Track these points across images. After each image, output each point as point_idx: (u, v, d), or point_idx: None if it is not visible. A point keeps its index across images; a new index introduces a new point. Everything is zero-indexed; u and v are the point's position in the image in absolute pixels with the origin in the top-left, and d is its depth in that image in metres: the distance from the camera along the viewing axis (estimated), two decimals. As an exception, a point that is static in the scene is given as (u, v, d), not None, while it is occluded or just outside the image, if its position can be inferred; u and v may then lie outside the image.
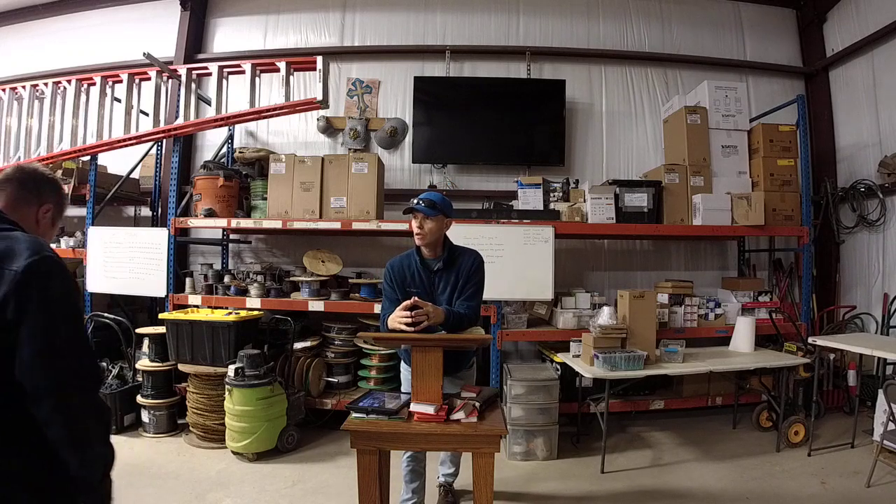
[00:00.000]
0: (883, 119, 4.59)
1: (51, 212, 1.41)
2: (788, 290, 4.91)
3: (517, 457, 3.42)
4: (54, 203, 1.42)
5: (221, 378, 3.46)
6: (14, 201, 1.33)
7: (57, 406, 1.12)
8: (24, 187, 1.35)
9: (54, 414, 1.13)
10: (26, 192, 1.36)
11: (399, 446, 2.20)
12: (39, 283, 1.13)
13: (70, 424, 1.15)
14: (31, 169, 1.41)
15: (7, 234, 1.20)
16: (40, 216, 1.38)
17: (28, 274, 1.11)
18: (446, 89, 4.90)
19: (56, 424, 1.13)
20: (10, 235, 1.20)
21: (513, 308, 3.96)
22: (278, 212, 4.05)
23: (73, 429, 1.15)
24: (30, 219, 1.35)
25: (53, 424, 1.13)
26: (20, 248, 1.15)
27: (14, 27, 5.55)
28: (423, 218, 2.32)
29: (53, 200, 1.41)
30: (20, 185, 1.35)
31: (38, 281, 1.13)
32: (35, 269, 1.13)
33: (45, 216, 1.39)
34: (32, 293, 1.11)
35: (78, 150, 4.11)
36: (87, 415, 1.19)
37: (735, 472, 3.24)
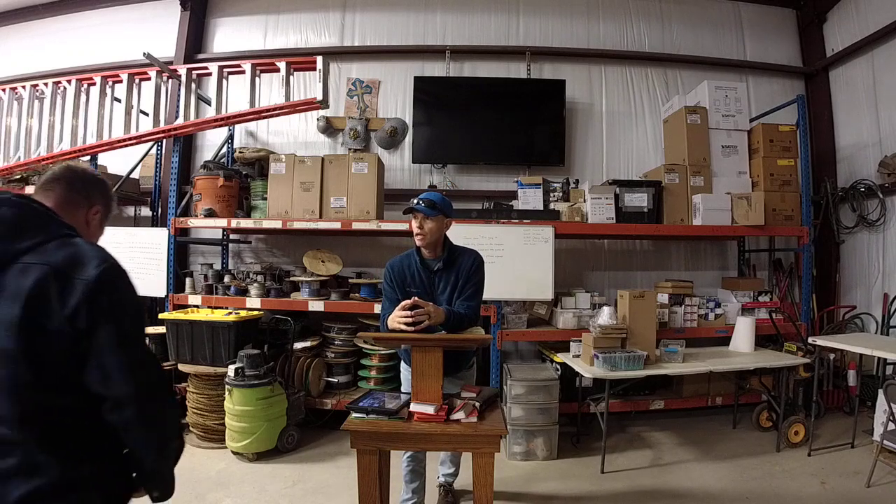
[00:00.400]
0: (883, 119, 4.59)
1: (100, 214, 1.36)
2: (788, 290, 4.91)
3: (517, 457, 3.42)
4: (103, 205, 1.37)
5: (221, 378, 3.46)
6: (63, 202, 1.28)
7: (141, 412, 1.15)
8: (73, 188, 1.31)
9: (139, 419, 1.15)
10: (75, 193, 1.31)
11: (399, 446, 2.20)
12: (111, 292, 1.12)
13: (153, 427, 1.19)
14: (80, 169, 1.37)
15: (70, 240, 1.17)
16: (90, 218, 1.34)
17: (99, 283, 1.10)
18: (446, 89, 4.90)
19: (140, 428, 1.16)
20: (73, 242, 1.16)
21: (513, 308, 3.96)
22: (278, 212, 4.05)
23: (156, 431, 1.20)
24: (79, 221, 1.30)
25: (136, 429, 1.16)
26: (87, 255, 1.13)
27: (14, 27, 5.55)
28: (423, 218, 2.32)
29: (102, 202, 1.37)
30: (69, 186, 1.30)
31: (109, 290, 1.11)
32: (105, 277, 1.11)
33: (95, 218, 1.35)
34: (104, 302, 1.10)
35: (78, 150, 4.10)
36: (166, 416, 1.24)
37: (735, 472, 3.24)
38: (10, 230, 1.11)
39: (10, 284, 1.07)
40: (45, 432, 1.08)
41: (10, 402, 1.05)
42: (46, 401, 1.08)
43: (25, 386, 1.06)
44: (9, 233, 1.11)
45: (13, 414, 1.05)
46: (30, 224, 1.14)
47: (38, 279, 1.06)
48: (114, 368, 1.11)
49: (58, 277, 1.07)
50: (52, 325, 1.06)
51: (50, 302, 1.06)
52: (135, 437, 1.17)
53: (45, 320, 1.06)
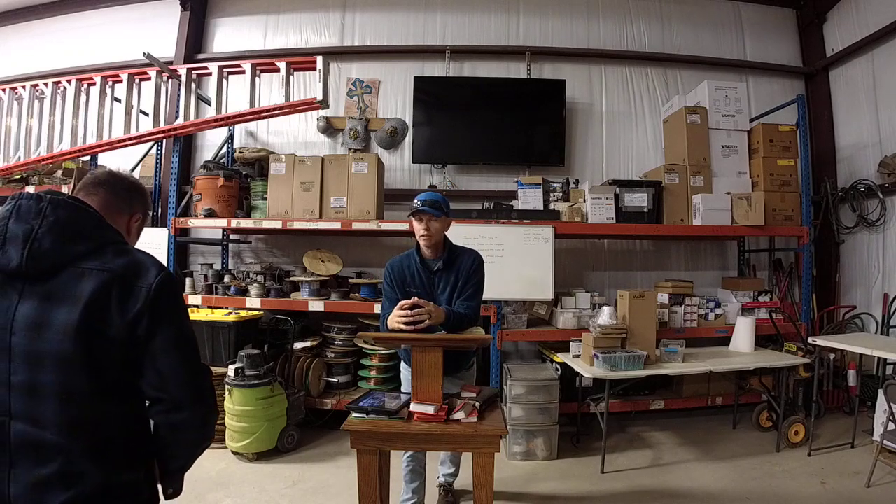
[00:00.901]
0: (883, 119, 4.59)
1: (139, 221, 1.37)
2: (788, 290, 4.91)
3: (517, 457, 3.42)
4: (143, 213, 1.38)
5: (221, 378, 3.45)
6: (106, 208, 1.27)
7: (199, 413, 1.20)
8: (117, 194, 1.31)
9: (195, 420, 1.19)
10: (119, 199, 1.31)
11: (399, 446, 2.20)
12: (169, 300, 1.15)
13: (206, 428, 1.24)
14: (123, 175, 1.38)
15: (125, 247, 1.19)
16: (131, 225, 1.34)
17: (159, 290, 1.12)
18: (446, 89, 4.90)
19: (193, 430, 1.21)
20: (128, 249, 1.18)
21: (513, 308, 3.95)
22: (278, 212, 4.05)
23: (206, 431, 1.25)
24: (122, 228, 1.30)
25: (190, 430, 1.20)
26: (145, 263, 1.15)
27: (14, 27, 5.55)
28: (430, 219, 2.33)
29: (142, 210, 1.38)
30: (113, 192, 1.30)
31: (167, 297, 1.14)
32: (165, 285, 1.14)
33: (135, 225, 1.36)
34: (164, 308, 1.13)
35: (78, 150, 4.10)
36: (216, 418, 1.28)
37: (735, 472, 3.24)
38: (66, 233, 1.10)
39: (67, 288, 1.07)
40: (93, 440, 1.07)
41: (59, 408, 1.04)
42: (98, 408, 1.08)
43: (78, 392, 1.05)
44: (65, 236, 1.10)
45: (61, 420, 1.04)
46: (85, 228, 1.13)
47: (99, 285, 1.07)
48: (174, 370, 1.13)
49: (119, 284, 1.09)
50: (111, 332, 1.07)
51: (110, 308, 1.07)
52: (185, 437, 1.21)
53: (103, 326, 1.06)
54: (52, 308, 1.05)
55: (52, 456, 1.03)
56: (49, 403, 1.03)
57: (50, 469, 1.03)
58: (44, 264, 1.07)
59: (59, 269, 1.08)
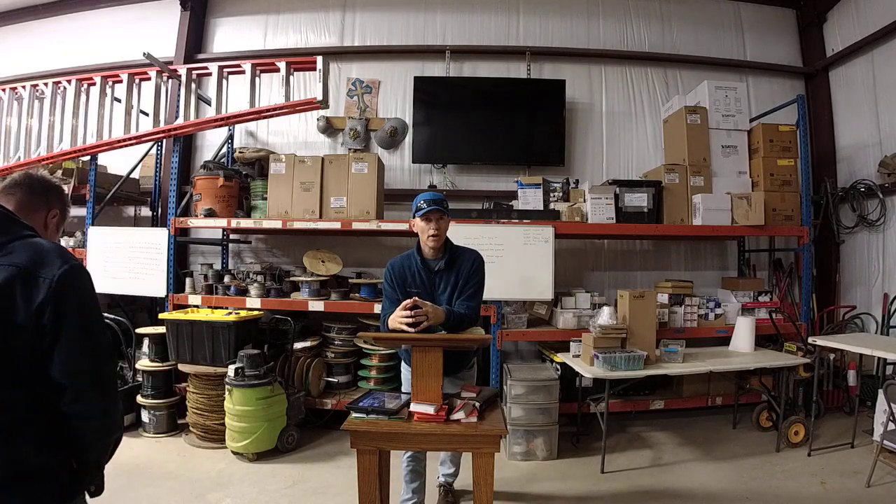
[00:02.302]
0: (883, 119, 4.59)
1: (57, 217, 1.46)
2: (788, 290, 4.91)
3: (517, 457, 3.42)
4: (60, 209, 1.47)
5: (221, 378, 3.46)
6: (24, 206, 1.36)
7: (99, 402, 1.25)
8: (34, 193, 1.40)
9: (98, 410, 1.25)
10: (35, 197, 1.40)
11: (399, 446, 2.20)
12: (74, 290, 1.19)
13: (108, 418, 1.29)
14: (39, 175, 1.46)
15: (31, 240, 1.23)
16: (48, 221, 1.43)
17: (63, 281, 1.16)
18: (446, 89, 4.90)
19: (97, 419, 1.25)
20: (35, 242, 1.23)
21: (513, 308, 3.95)
22: (278, 212, 4.05)
23: (109, 422, 1.30)
24: (39, 224, 1.39)
25: (94, 419, 1.25)
26: (50, 255, 1.19)
27: (14, 27, 5.55)
28: (439, 218, 2.35)
29: (59, 206, 1.47)
30: (30, 191, 1.39)
31: (72, 288, 1.18)
32: (69, 276, 1.18)
33: (53, 221, 1.44)
34: (69, 299, 1.17)
35: (78, 150, 4.10)
36: (118, 408, 1.35)
37: (735, 472, 3.24)
38: None
39: None
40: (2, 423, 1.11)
41: None
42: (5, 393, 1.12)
43: None
44: None
45: None
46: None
47: (4, 279, 1.12)
48: (77, 361, 1.18)
49: (23, 276, 1.14)
50: (18, 321, 1.12)
51: (15, 299, 1.12)
52: (91, 427, 1.24)
53: (9, 316, 1.11)
54: None
55: None
56: None
57: None
58: None
59: None
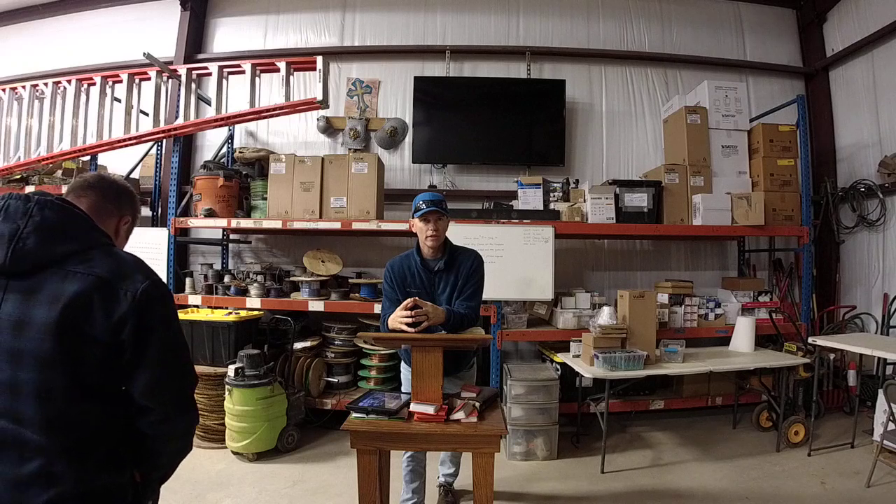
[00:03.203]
0: (883, 119, 4.59)
1: (128, 224, 1.39)
2: (788, 290, 4.91)
3: (517, 457, 3.42)
4: (132, 216, 1.40)
5: (221, 378, 3.46)
6: (96, 210, 1.29)
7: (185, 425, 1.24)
8: (106, 197, 1.33)
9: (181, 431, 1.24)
10: (108, 202, 1.33)
11: (399, 446, 2.20)
12: (158, 307, 1.14)
13: (186, 439, 1.28)
14: (112, 179, 1.40)
15: (112, 249, 1.18)
16: (120, 227, 1.36)
17: (147, 296, 1.11)
18: (446, 89, 4.90)
19: (177, 440, 1.25)
20: (116, 252, 1.17)
21: (513, 308, 3.95)
22: (278, 212, 4.05)
23: (186, 442, 1.28)
24: (111, 230, 1.32)
25: (175, 440, 1.24)
26: (132, 268, 1.14)
27: (14, 27, 5.55)
28: (438, 219, 2.35)
29: (131, 213, 1.40)
30: (102, 195, 1.33)
31: (156, 304, 1.13)
32: (152, 292, 1.13)
33: (124, 227, 1.37)
34: (152, 316, 1.12)
35: (78, 150, 4.10)
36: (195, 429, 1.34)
37: (735, 472, 3.24)
38: (52, 234, 1.10)
39: (48, 287, 1.07)
40: (71, 440, 1.07)
41: (38, 406, 1.04)
42: (76, 408, 1.07)
43: (56, 390, 1.05)
44: (52, 236, 1.10)
45: (40, 418, 1.04)
46: (72, 229, 1.14)
47: (82, 287, 1.07)
48: (162, 381, 1.14)
49: (103, 287, 1.08)
50: (94, 333, 1.07)
51: (93, 310, 1.07)
52: (169, 448, 1.23)
53: (86, 327, 1.06)
54: (34, 306, 1.05)
55: (32, 455, 1.03)
56: (29, 401, 1.04)
57: (30, 468, 1.03)
58: (26, 263, 1.07)
59: (42, 268, 1.08)
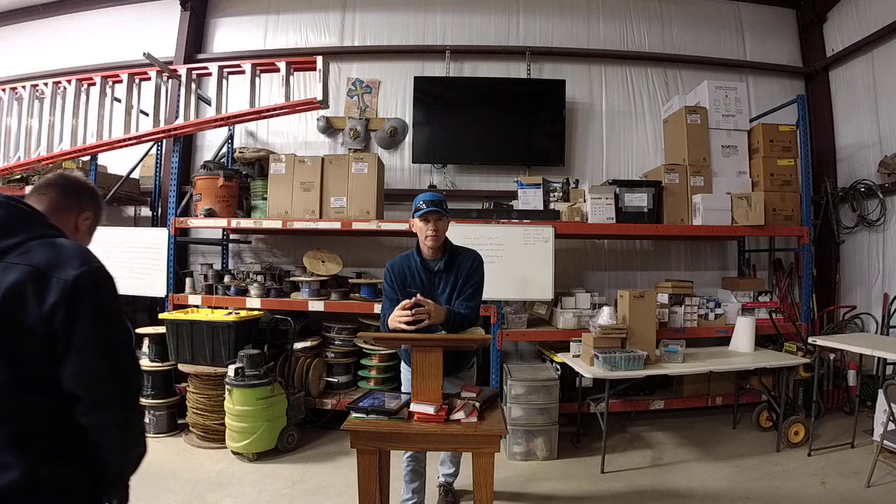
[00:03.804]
0: (883, 119, 4.59)
1: (90, 220, 1.42)
2: (788, 290, 4.91)
3: (517, 457, 3.42)
4: (93, 212, 1.43)
5: (221, 378, 3.46)
6: (56, 206, 1.34)
7: (117, 417, 1.19)
8: (67, 193, 1.37)
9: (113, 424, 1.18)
10: (68, 198, 1.37)
11: (399, 446, 2.20)
12: (90, 294, 1.12)
13: (125, 432, 1.23)
14: (74, 177, 1.45)
15: (53, 240, 1.19)
16: (79, 223, 1.40)
17: (78, 283, 1.11)
18: (446, 89, 4.90)
19: (112, 433, 1.19)
20: (56, 242, 1.18)
21: (513, 308, 3.95)
22: (278, 212, 4.05)
23: (127, 435, 1.24)
24: (69, 225, 1.36)
25: (110, 432, 1.19)
26: (68, 256, 1.14)
27: (14, 27, 5.55)
28: (438, 219, 2.35)
29: (93, 209, 1.43)
30: (63, 192, 1.37)
31: (89, 292, 1.12)
32: (87, 279, 1.12)
33: (84, 223, 1.41)
34: (85, 304, 1.11)
35: (78, 150, 4.10)
36: (137, 423, 1.30)
37: (735, 472, 3.24)
38: None
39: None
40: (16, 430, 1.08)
41: None
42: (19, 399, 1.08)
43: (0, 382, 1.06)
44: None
45: None
46: (16, 225, 1.16)
47: (18, 278, 1.08)
48: (92, 370, 1.12)
49: (37, 276, 1.09)
50: (29, 323, 1.07)
51: (27, 300, 1.07)
52: (107, 440, 1.18)
53: (21, 317, 1.07)
54: None
55: None
56: None
57: None
58: None
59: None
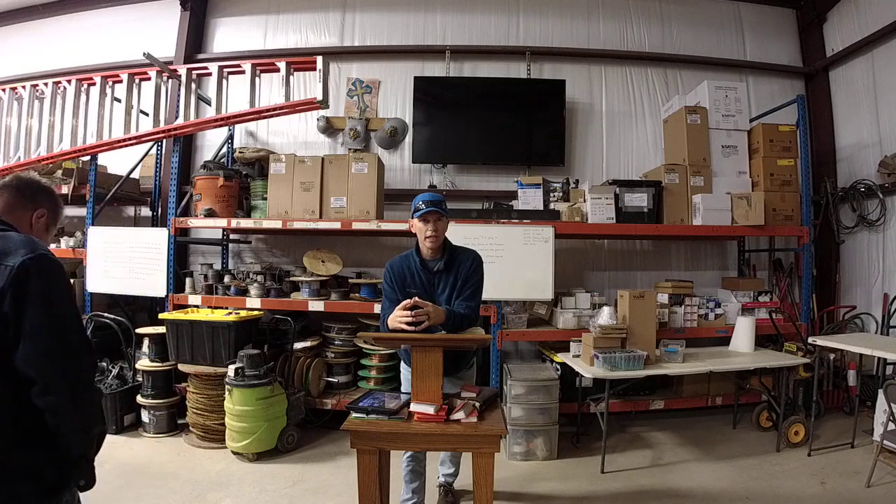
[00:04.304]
0: (883, 119, 4.59)
1: (45, 217, 1.48)
2: (788, 290, 4.91)
3: (517, 457, 3.42)
4: (48, 209, 1.49)
5: (221, 378, 3.46)
6: (10, 205, 1.41)
7: (70, 396, 1.21)
8: (21, 193, 1.44)
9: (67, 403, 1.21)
10: (22, 197, 1.44)
11: (399, 446, 2.20)
12: (36, 279, 1.17)
13: (80, 412, 1.25)
14: (28, 177, 1.51)
15: (2, 233, 1.25)
16: (34, 220, 1.46)
17: (23, 269, 1.16)
18: (446, 89, 4.90)
19: (67, 413, 1.22)
20: (5, 235, 1.25)
21: (513, 308, 3.95)
22: (278, 212, 4.05)
23: (82, 415, 1.26)
24: (24, 223, 1.42)
25: (64, 413, 1.21)
26: (15, 245, 1.20)
27: (14, 27, 5.55)
28: (437, 219, 2.34)
29: (48, 206, 1.49)
30: (16, 191, 1.44)
31: (35, 276, 1.17)
32: (31, 265, 1.17)
33: (39, 221, 1.47)
34: (30, 288, 1.16)
35: (78, 150, 4.11)
36: (93, 402, 1.33)
37: (735, 472, 3.24)
38: None
39: None
40: None
41: None
42: None
43: None
44: None
45: None
46: None
47: None
48: (41, 352, 1.16)
49: None
50: None
51: None
52: (62, 420, 1.21)
53: None
54: None
55: None
56: None
57: None
58: None
59: None
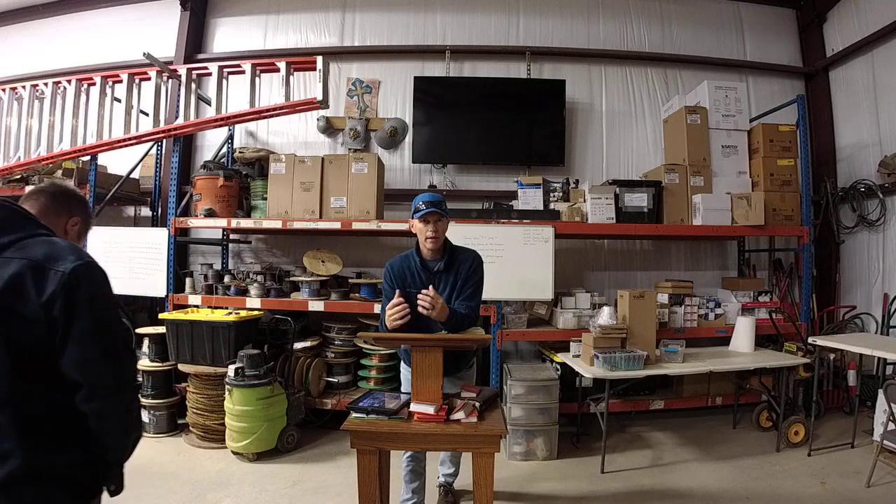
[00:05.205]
0: (883, 119, 4.59)
1: (78, 225, 1.51)
2: (788, 290, 4.91)
3: (517, 457, 3.42)
4: (82, 218, 1.52)
5: (221, 378, 3.46)
6: (46, 211, 1.43)
7: (116, 401, 1.24)
8: (56, 199, 1.46)
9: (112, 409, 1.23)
10: (57, 203, 1.46)
11: (399, 446, 2.20)
12: (86, 285, 1.19)
13: (123, 417, 1.28)
14: (64, 185, 1.56)
15: (48, 238, 1.26)
16: (69, 227, 1.48)
17: (75, 275, 1.17)
18: (446, 89, 4.90)
19: (112, 418, 1.24)
20: (51, 240, 1.26)
21: (513, 308, 3.95)
22: (278, 212, 4.05)
23: (124, 421, 1.29)
24: (59, 229, 1.43)
25: (109, 417, 1.23)
26: (63, 251, 1.21)
27: (14, 27, 5.55)
28: (437, 220, 2.34)
29: (81, 215, 1.52)
30: (52, 197, 1.46)
31: (85, 283, 1.18)
32: (81, 271, 1.18)
33: (73, 228, 1.50)
34: (80, 294, 1.17)
35: (78, 150, 4.10)
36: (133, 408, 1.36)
37: (735, 472, 3.24)
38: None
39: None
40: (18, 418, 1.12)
41: None
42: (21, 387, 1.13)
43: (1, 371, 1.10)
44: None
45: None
46: (13, 224, 1.24)
47: (17, 270, 1.15)
48: (91, 357, 1.17)
49: (35, 269, 1.15)
50: (28, 312, 1.13)
51: (26, 290, 1.13)
52: (106, 425, 1.23)
53: (20, 307, 1.13)
54: None
55: None
56: None
57: None
58: None
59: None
